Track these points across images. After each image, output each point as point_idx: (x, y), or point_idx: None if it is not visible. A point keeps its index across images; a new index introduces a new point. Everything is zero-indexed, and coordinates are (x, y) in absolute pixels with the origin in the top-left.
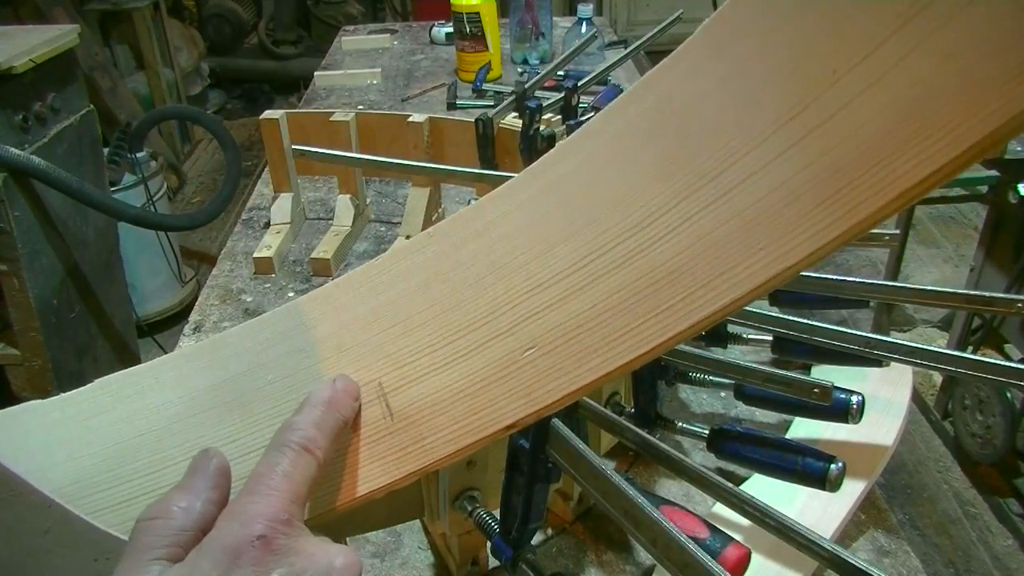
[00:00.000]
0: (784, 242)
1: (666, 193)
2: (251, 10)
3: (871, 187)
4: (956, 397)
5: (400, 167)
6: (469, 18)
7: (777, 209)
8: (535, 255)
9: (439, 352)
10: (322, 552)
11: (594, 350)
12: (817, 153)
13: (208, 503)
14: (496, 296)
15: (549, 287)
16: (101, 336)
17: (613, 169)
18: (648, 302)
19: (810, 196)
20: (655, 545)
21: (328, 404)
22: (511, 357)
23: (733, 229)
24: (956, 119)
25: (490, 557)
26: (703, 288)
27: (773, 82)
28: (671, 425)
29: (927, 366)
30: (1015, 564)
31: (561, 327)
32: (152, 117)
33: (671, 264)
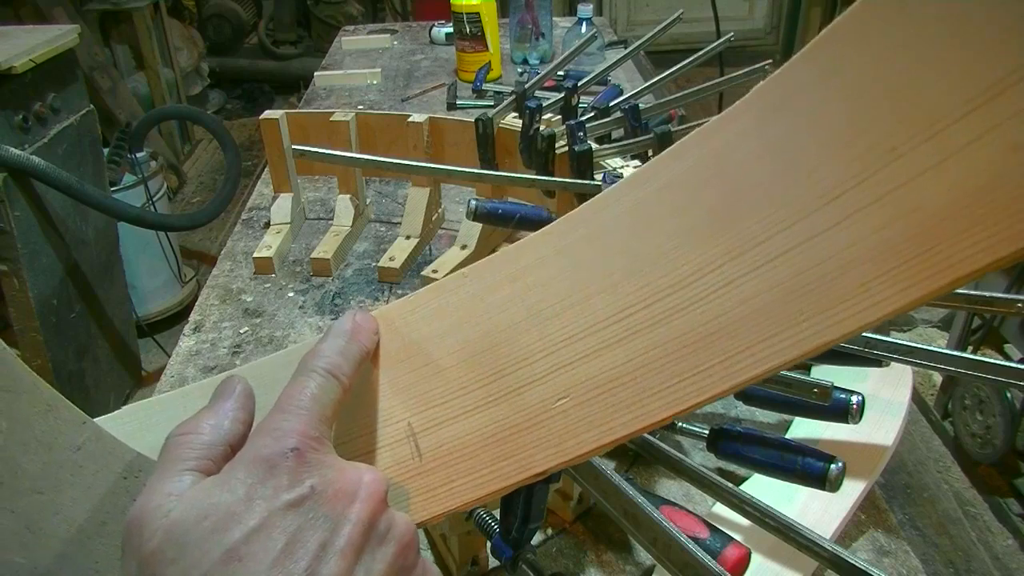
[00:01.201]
0: (828, 315)
1: (710, 253)
2: (251, 10)
3: (924, 270)
4: (956, 397)
5: (400, 167)
6: (469, 18)
7: (824, 282)
8: (572, 304)
9: (470, 395)
10: (352, 467)
11: (627, 406)
12: (869, 230)
13: (236, 422)
14: (530, 343)
15: (585, 337)
16: (101, 336)
17: (657, 223)
18: (686, 362)
19: (858, 272)
20: (655, 545)
21: (350, 334)
22: (543, 405)
23: (777, 296)
24: (1020, 212)
25: (490, 557)
26: (743, 353)
27: (827, 153)
28: (671, 425)
29: (927, 366)
30: (1015, 564)
31: (595, 379)
32: (152, 117)
33: (712, 325)
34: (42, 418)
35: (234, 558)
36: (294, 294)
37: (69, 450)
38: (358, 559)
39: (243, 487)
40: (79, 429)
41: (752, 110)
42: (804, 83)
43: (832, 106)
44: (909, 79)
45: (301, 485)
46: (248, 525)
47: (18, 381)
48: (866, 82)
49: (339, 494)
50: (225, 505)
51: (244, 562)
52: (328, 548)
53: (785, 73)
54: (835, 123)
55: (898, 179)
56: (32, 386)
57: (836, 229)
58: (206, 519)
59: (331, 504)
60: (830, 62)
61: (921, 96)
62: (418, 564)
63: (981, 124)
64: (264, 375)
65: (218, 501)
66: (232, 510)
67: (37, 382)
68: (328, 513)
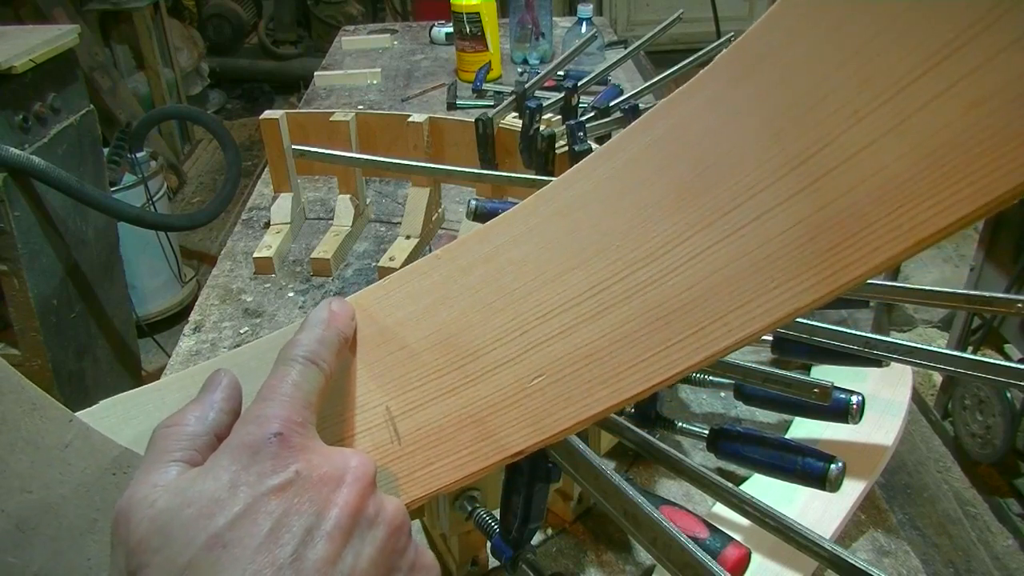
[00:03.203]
0: (799, 281)
1: (680, 224)
2: (251, 10)
3: (890, 231)
4: (956, 397)
5: (400, 167)
6: (469, 18)
7: (793, 248)
8: (544, 282)
9: (446, 377)
10: (338, 452)
11: (603, 381)
12: (836, 193)
13: (222, 412)
14: (505, 322)
15: (558, 315)
16: (101, 336)
17: (626, 197)
18: (659, 335)
19: (827, 236)
20: (655, 545)
21: (328, 321)
22: (519, 384)
23: (748, 265)
24: (981, 170)
25: (490, 557)
26: (715, 323)
27: (792, 118)
28: (671, 425)
29: (927, 366)
30: (1015, 564)
31: (570, 356)
32: (152, 117)
33: (683, 297)
34: (28, 417)
35: (218, 544)
36: (294, 294)
37: (56, 448)
38: (346, 542)
39: (227, 474)
40: (65, 427)
41: (716, 79)
42: (766, 51)
43: (794, 73)
44: (868, 43)
45: (286, 470)
46: (232, 511)
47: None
48: (826, 48)
49: (325, 478)
50: (209, 492)
51: (229, 548)
52: (314, 532)
53: (747, 42)
54: (798, 90)
55: (861, 142)
56: (17, 386)
57: (803, 195)
58: (190, 507)
59: (317, 488)
60: (790, 29)
61: (880, 59)
62: (410, 547)
63: (942, 81)
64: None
65: (202, 489)
66: (216, 497)
67: (22, 381)
68: (314, 497)
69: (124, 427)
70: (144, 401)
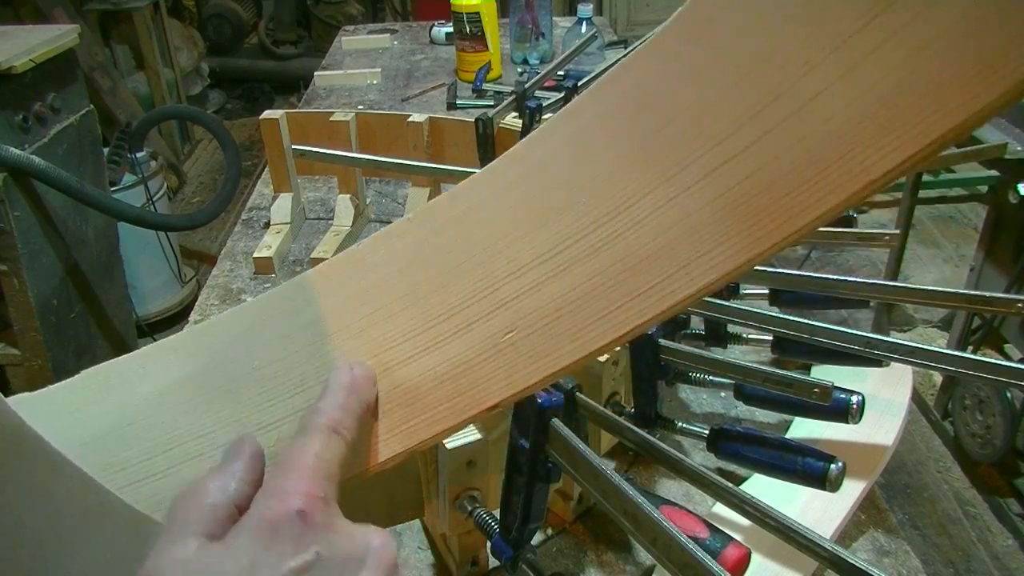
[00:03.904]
0: (760, 227)
1: (643, 179)
2: (251, 10)
3: (842, 175)
4: (956, 397)
5: (400, 167)
6: (469, 18)
7: (752, 195)
8: (514, 240)
9: (421, 336)
10: (359, 532)
11: (572, 334)
12: (791, 141)
13: (243, 483)
14: (476, 281)
15: (528, 272)
16: (101, 336)
17: (591, 154)
18: (626, 286)
19: (783, 183)
20: (655, 545)
21: (349, 388)
22: (492, 340)
23: (708, 215)
24: (923, 112)
25: (490, 557)
26: (679, 272)
27: (747, 71)
28: (671, 425)
29: (927, 366)
30: (1015, 564)
31: (540, 311)
32: (152, 117)
33: (647, 248)
34: (45, 475)
35: None
36: None
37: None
38: None
39: (247, 555)
40: (83, 488)
41: (673, 39)
42: (716, 13)
43: (745, 30)
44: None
45: (306, 551)
46: None
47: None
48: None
49: (346, 561)
50: (230, 573)
51: None
52: None
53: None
54: (749, 45)
55: (814, 89)
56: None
57: (760, 144)
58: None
59: (338, 572)
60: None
61: (826, 11)
62: None
63: (886, 28)
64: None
65: (222, 569)
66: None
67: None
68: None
69: (106, 396)
70: (125, 370)
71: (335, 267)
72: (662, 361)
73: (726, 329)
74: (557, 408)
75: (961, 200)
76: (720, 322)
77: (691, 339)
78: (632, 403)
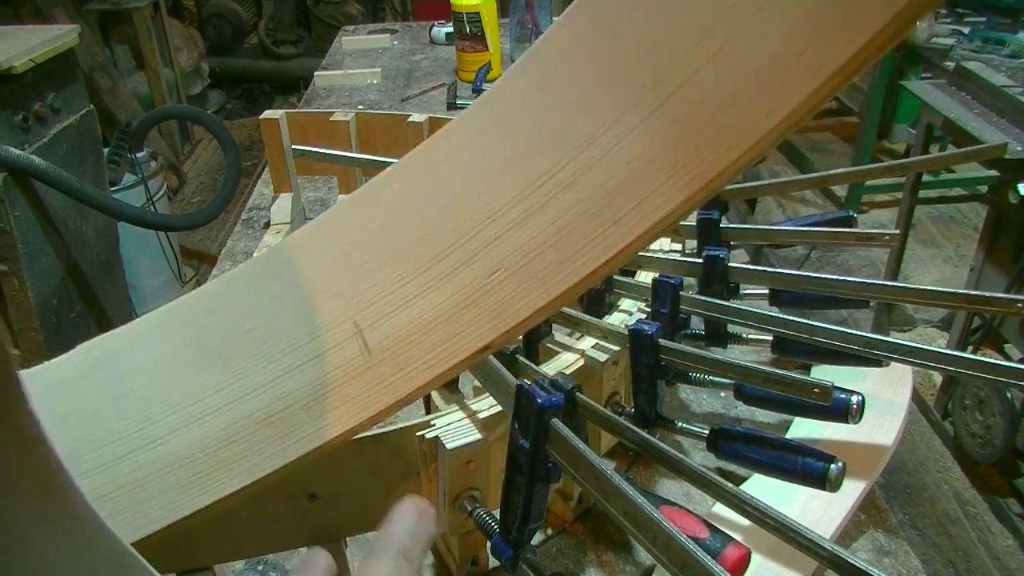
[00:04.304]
0: (724, 141)
1: (612, 105)
2: (251, 10)
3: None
4: (956, 397)
5: None
6: (469, 18)
7: (718, 107)
8: (492, 182)
9: (409, 285)
10: None
11: (557, 266)
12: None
13: None
14: (458, 226)
15: (508, 211)
16: None
17: (560, 88)
18: (605, 212)
19: (742, 95)
20: (655, 545)
21: (418, 516)
22: (478, 282)
23: (678, 132)
24: None
25: (490, 557)
26: (654, 193)
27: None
28: (671, 425)
29: (927, 366)
30: (1015, 564)
31: (523, 248)
32: (152, 117)
33: (623, 173)
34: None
35: None
36: None
37: None
38: None
39: None
40: None
41: None
42: None
43: None
44: None
45: None
46: None
47: None
48: None
49: None
50: None
51: None
52: None
53: None
54: None
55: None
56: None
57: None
58: None
59: None
60: None
61: None
62: None
63: None
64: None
65: None
66: None
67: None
68: None
69: (101, 369)
70: (118, 342)
71: (319, 227)
72: (662, 361)
73: (726, 329)
74: (557, 408)
75: (961, 200)
76: (720, 322)
77: (691, 339)
78: (632, 403)
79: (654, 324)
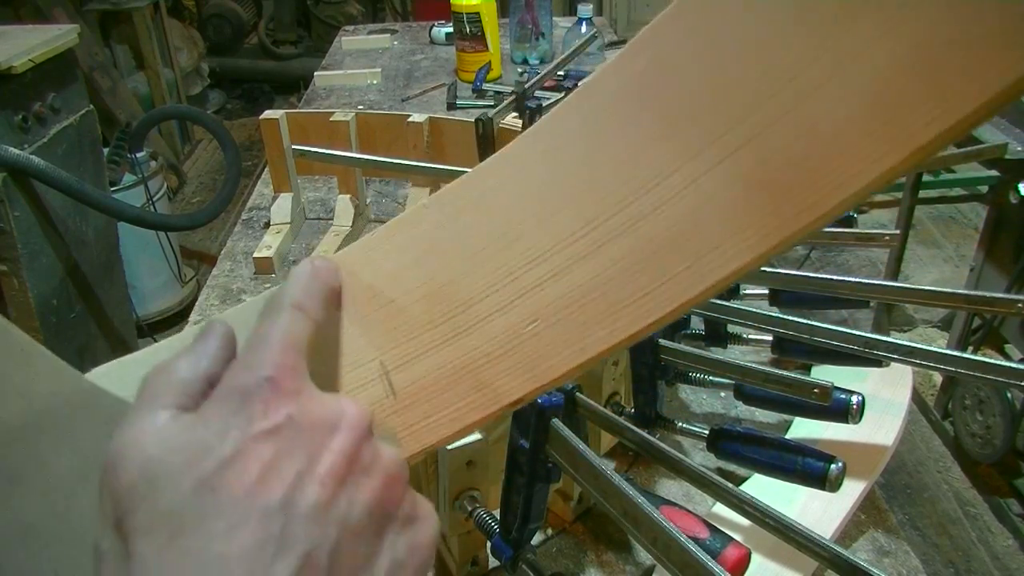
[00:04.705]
0: (797, 202)
1: (669, 154)
2: (251, 10)
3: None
4: (956, 397)
5: (400, 167)
6: (469, 18)
7: (787, 167)
8: (535, 224)
9: (439, 329)
10: (332, 399)
11: (598, 321)
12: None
13: (214, 360)
14: (496, 268)
15: (550, 257)
16: (101, 336)
17: (613, 131)
18: (654, 269)
19: (818, 153)
20: (655, 545)
21: (311, 273)
22: (514, 331)
23: (741, 189)
24: None
25: (490, 557)
26: (711, 253)
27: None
28: (671, 425)
29: (927, 366)
30: (1015, 564)
31: (564, 299)
32: (152, 117)
33: (677, 228)
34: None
35: (206, 489)
36: None
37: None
38: (340, 489)
39: (217, 419)
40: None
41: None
42: None
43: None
44: None
45: (276, 413)
46: (220, 455)
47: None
48: None
49: (318, 423)
50: (199, 438)
51: (217, 493)
52: (306, 477)
53: None
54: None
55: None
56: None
57: (794, 113)
58: (179, 453)
59: (309, 433)
60: None
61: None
62: (406, 498)
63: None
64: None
65: (192, 435)
66: (205, 442)
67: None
68: (306, 442)
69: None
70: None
71: (347, 258)
72: (662, 361)
73: (726, 329)
74: (557, 408)
75: (961, 200)
76: (720, 322)
77: (691, 339)
78: (632, 403)
79: None
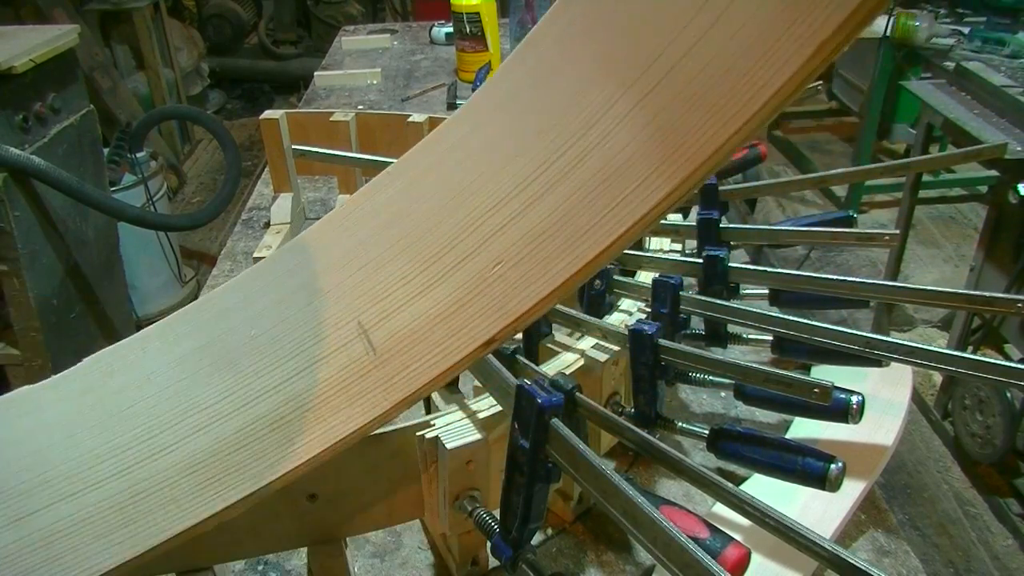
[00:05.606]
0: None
1: (607, 90)
2: (251, 10)
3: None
4: (956, 397)
5: None
6: (469, 18)
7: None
8: (492, 174)
9: (413, 282)
10: None
11: (559, 254)
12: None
13: None
14: (460, 220)
15: (509, 202)
16: (101, 336)
17: (556, 76)
18: (604, 197)
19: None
20: (655, 545)
21: None
22: (481, 275)
23: (675, 111)
24: None
25: (490, 557)
26: (654, 173)
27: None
28: (671, 425)
29: (927, 366)
30: (1015, 564)
31: (524, 238)
32: (152, 117)
33: (621, 156)
34: None
35: None
36: None
37: None
38: None
39: None
40: None
41: None
42: None
43: None
44: None
45: None
46: None
47: None
48: None
49: None
50: None
51: None
52: None
53: None
54: None
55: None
56: None
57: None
58: None
59: None
60: None
61: None
62: None
63: None
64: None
65: None
66: None
67: None
68: None
69: (109, 380)
70: (126, 354)
71: (323, 229)
72: (662, 361)
73: (726, 329)
74: (557, 408)
75: (961, 200)
76: (720, 322)
77: (691, 339)
78: (632, 403)
79: (654, 324)
